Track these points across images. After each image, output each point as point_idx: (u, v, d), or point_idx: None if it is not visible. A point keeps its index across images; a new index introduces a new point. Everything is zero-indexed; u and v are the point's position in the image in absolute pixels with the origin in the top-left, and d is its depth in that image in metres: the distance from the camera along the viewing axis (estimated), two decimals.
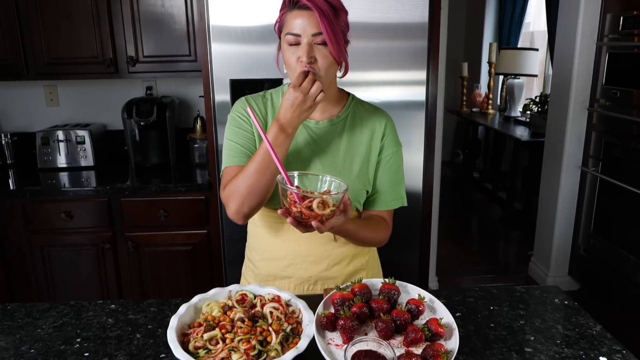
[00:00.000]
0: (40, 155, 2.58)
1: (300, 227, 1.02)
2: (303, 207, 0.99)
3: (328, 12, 1.08)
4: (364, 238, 1.24)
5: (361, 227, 1.23)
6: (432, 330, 0.94)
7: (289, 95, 1.09)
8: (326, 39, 1.09)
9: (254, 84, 2.02)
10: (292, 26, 1.10)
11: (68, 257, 2.35)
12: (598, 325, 1.11)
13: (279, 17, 1.15)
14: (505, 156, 4.90)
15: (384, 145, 1.27)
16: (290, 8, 1.11)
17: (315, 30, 1.09)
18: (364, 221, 1.26)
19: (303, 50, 1.10)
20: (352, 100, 1.30)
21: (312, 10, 1.07)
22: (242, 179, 1.14)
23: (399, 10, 1.99)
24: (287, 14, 1.12)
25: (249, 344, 0.90)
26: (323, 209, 0.99)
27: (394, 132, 1.30)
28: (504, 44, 5.42)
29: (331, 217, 1.02)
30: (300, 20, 1.09)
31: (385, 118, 1.29)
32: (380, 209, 1.30)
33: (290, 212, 1.00)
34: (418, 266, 2.28)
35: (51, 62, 2.43)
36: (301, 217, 1.00)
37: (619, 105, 2.66)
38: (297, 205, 0.99)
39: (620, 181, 2.64)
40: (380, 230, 1.28)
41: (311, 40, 1.10)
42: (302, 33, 1.09)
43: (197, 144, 2.63)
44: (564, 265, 3.19)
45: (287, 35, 1.11)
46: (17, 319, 1.15)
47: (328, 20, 1.08)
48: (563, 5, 2.97)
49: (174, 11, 2.40)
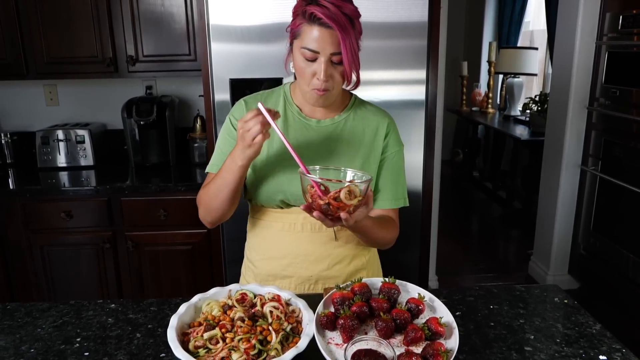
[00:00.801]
0: (40, 155, 2.58)
1: (326, 221, 1.01)
2: (331, 199, 0.98)
3: (348, 30, 1.07)
4: (377, 236, 1.24)
5: (377, 224, 1.22)
6: (432, 330, 0.94)
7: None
8: (344, 60, 1.08)
9: (254, 83, 2.02)
10: (309, 41, 1.08)
11: (68, 256, 2.35)
12: (598, 324, 1.11)
13: (294, 24, 1.12)
14: (505, 155, 4.90)
15: (387, 145, 1.28)
16: (310, 22, 1.08)
17: (334, 49, 1.08)
18: (378, 219, 1.25)
19: (320, 68, 1.09)
20: (355, 100, 1.30)
21: (332, 30, 1.06)
22: (204, 193, 1.23)
23: (399, 9, 1.99)
24: (304, 25, 1.09)
25: (249, 343, 0.90)
26: (351, 199, 0.99)
27: (397, 132, 1.30)
28: (503, 43, 5.42)
29: (358, 207, 1.01)
30: (319, 37, 1.07)
31: (388, 118, 1.30)
32: (383, 207, 1.30)
33: (314, 206, 1.00)
34: (418, 265, 2.28)
35: (51, 61, 2.43)
36: (328, 210, 0.99)
37: (619, 104, 2.66)
38: (324, 197, 0.98)
39: (619, 180, 2.64)
40: (391, 230, 1.28)
41: (329, 59, 1.09)
42: (321, 51, 1.08)
43: (197, 144, 2.63)
44: (563, 264, 3.19)
45: (304, 49, 1.09)
46: (17, 319, 1.15)
47: (349, 40, 1.07)
48: (563, 4, 2.97)
49: (174, 10, 2.39)
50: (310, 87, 1.13)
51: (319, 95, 1.14)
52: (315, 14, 1.06)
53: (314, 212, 1.00)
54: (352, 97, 1.30)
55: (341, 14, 1.06)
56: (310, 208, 1.00)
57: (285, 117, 1.25)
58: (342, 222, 1.00)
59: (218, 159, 1.25)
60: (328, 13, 1.05)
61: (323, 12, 1.05)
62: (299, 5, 1.11)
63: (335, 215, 0.99)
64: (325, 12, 1.05)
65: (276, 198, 1.24)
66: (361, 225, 1.13)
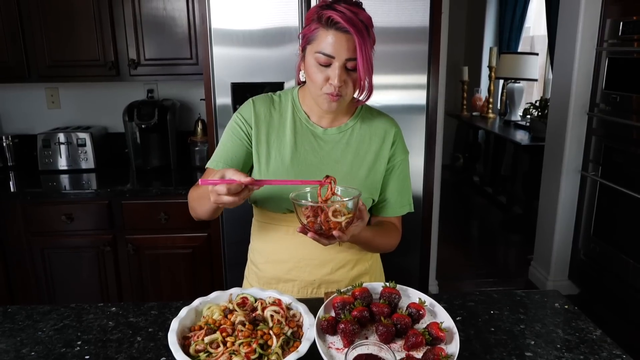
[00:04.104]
0: (41, 158, 2.58)
1: (322, 240, 1.03)
2: (322, 220, 1.00)
3: (365, 36, 1.07)
4: (379, 245, 1.26)
5: (377, 233, 1.24)
6: (432, 334, 0.94)
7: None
8: (359, 66, 1.08)
9: (255, 87, 2.02)
10: (324, 45, 1.08)
11: (68, 259, 2.35)
12: (598, 330, 1.11)
13: (309, 29, 1.12)
14: (505, 160, 4.90)
15: (393, 153, 1.28)
16: (326, 26, 1.08)
17: (349, 55, 1.08)
18: (378, 228, 1.27)
19: (334, 73, 1.09)
20: (362, 108, 1.29)
21: (349, 34, 1.06)
22: (192, 194, 1.25)
23: (400, 14, 2.00)
24: (320, 30, 1.09)
25: (250, 347, 0.90)
26: (340, 217, 1.00)
27: (403, 140, 1.31)
28: (504, 49, 5.43)
29: (349, 224, 1.03)
30: (335, 41, 1.07)
31: (395, 126, 1.29)
32: (389, 216, 1.31)
33: (308, 227, 1.02)
34: (418, 270, 2.28)
35: (53, 64, 2.44)
36: (321, 230, 1.01)
37: (619, 110, 2.66)
38: (313, 219, 1.01)
39: (620, 185, 2.64)
40: (393, 236, 1.30)
41: (344, 64, 1.09)
42: (336, 56, 1.08)
43: (198, 147, 2.64)
44: (564, 270, 3.19)
45: (319, 54, 1.09)
46: (17, 322, 1.15)
47: (364, 47, 1.06)
48: (563, 10, 2.98)
49: (176, 14, 2.40)
50: (322, 91, 1.12)
51: (331, 100, 1.13)
52: (332, 17, 1.06)
53: (309, 233, 1.02)
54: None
55: (358, 20, 1.06)
56: (305, 230, 1.02)
57: (293, 124, 1.24)
58: (337, 240, 1.02)
59: (219, 156, 1.25)
60: (346, 17, 1.05)
61: (341, 17, 1.05)
62: (314, 11, 1.11)
63: (329, 234, 1.01)
64: (343, 16, 1.05)
65: (282, 205, 1.24)
66: (360, 237, 1.15)
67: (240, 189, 1.00)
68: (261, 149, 1.24)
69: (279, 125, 1.24)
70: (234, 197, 1.00)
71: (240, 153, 1.24)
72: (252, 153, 1.24)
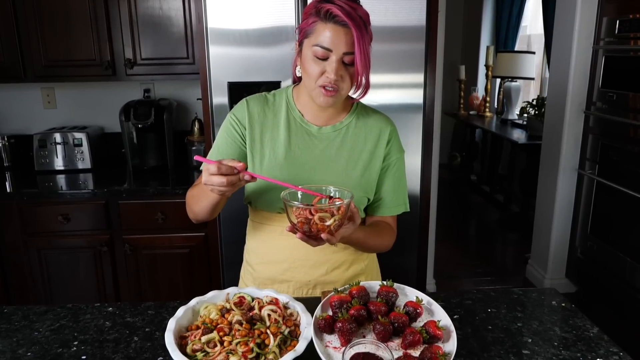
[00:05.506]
0: (37, 158, 2.57)
1: (310, 241, 1.03)
2: (311, 222, 0.99)
3: (363, 31, 1.07)
4: (373, 245, 1.26)
5: (370, 234, 1.23)
6: (430, 333, 0.94)
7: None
8: (357, 60, 1.08)
9: (252, 86, 2.02)
10: (322, 39, 1.08)
11: (65, 259, 2.35)
12: (595, 328, 1.11)
13: (306, 23, 1.12)
14: (502, 159, 4.91)
15: (389, 152, 1.27)
16: (324, 19, 1.08)
17: (347, 49, 1.08)
18: (371, 228, 1.27)
19: (331, 67, 1.09)
20: (357, 106, 1.29)
21: (347, 28, 1.06)
22: (191, 194, 1.25)
23: (397, 13, 2.00)
24: (318, 23, 1.09)
25: (247, 346, 0.90)
26: (328, 220, 1.00)
27: (398, 139, 1.30)
28: (501, 47, 5.44)
29: (339, 226, 1.02)
30: (333, 35, 1.07)
31: (390, 125, 1.29)
32: (384, 215, 1.30)
33: (297, 228, 1.01)
34: (416, 269, 2.28)
35: (49, 64, 2.43)
36: (310, 232, 1.00)
37: (616, 108, 2.67)
38: (303, 219, 1.00)
39: (616, 184, 2.64)
40: (387, 236, 1.29)
41: (341, 58, 1.09)
42: (334, 49, 1.08)
43: (194, 147, 2.63)
44: (561, 268, 3.19)
45: (316, 47, 1.09)
46: (14, 322, 1.15)
47: (363, 41, 1.07)
48: (560, 8, 2.99)
49: (172, 14, 2.40)
50: (317, 84, 1.12)
51: (326, 94, 1.12)
52: (331, 11, 1.06)
53: (297, 233, 1.01)
54: (355, 102, 1.28)
55: (356, 15, 1.07)
56: (294, 229, 1.02)
57: (287, 123, 1.24)
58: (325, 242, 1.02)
59: (214, 156, 1.25)
60: (344, 11, 1.06)
61: (340, 10, 1.06)
62: (312, 5, 1.11)
63: (317, 236, 1.01)
64: (342, 10, 1.06)
65: (275, 205, 1.24)
66: (352, 238, 1.14)
67: (232, 172, 1.00)
68: (255, 148, 1.23)
69: (272, 124, 1.24)
70: (224, 179, 0.99)
71: (234, 154, 1.24)
72: (247, 153, 1.24)
